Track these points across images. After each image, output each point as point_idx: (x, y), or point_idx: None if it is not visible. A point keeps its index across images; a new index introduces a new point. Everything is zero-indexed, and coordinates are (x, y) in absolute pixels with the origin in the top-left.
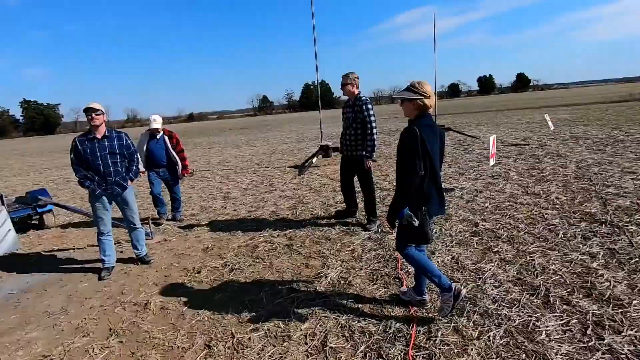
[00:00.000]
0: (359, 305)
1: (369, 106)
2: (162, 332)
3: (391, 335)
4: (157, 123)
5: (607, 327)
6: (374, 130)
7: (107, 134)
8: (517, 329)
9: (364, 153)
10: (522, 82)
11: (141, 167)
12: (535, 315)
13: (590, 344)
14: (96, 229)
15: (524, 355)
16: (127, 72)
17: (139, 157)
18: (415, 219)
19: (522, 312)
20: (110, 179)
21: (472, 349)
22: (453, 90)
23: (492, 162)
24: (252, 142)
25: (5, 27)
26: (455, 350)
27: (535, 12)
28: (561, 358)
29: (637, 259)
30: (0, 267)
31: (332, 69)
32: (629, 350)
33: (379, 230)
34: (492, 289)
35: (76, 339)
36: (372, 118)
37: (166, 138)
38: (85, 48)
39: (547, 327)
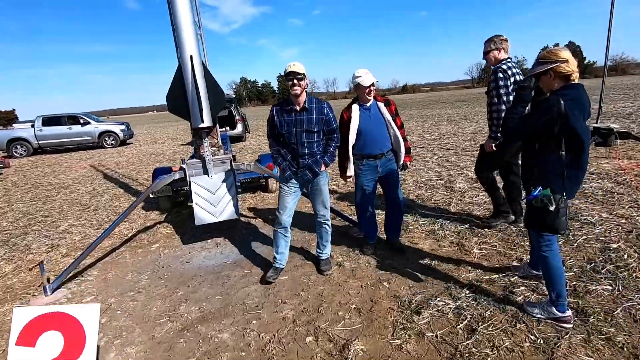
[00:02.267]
0: None
1: (493, 77)
2: None
3: None
4: (368, 77)
5: None
6: (494, 104)
7: (306, 105)
8: None
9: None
10: None
11: (349, 170)
12: None
13: None
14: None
15: None
16: (353, 46)
17: (338, 136)
18: (553, 202)
19: None
20: (303, 161)
21: None
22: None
23: None
24: (472, 117)
25: (275, 19)
26: None
27: None
28: None
29: None
30: (223, 230)
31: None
32: None
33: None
34: None
35: None
36: (494, 92)
37: (381, 106)
38: (324, 29)
39: None
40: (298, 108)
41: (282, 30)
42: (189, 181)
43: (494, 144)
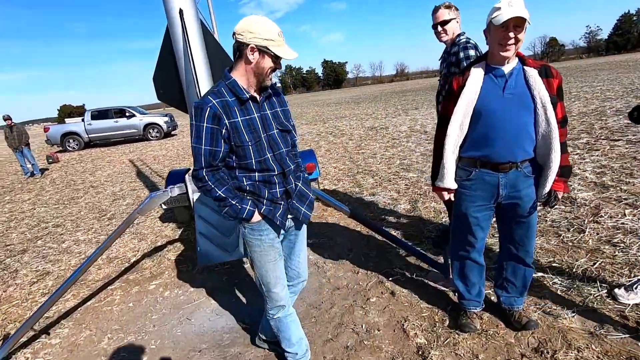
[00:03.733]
0: None
1: (471, 52)
2: None
3: None
4: (512, 9)
5: None
6: None
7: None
8: None
9: None
10: None
11: (446, 180)
12: None
13: None
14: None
15: None
16: (400, 26)
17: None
18: None
19: None
20: (292, 186)
21: None
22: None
23: None
24: None
25: (318, 3)
26: None
27: None
28: None
29: None
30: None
31: None
32: None
33: None
34: None
35: None
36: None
37: (532, 75)
38: (369, 10)
39: None
40: (258, 96)
41: (325, 15)
42: (192, 201)
43: None
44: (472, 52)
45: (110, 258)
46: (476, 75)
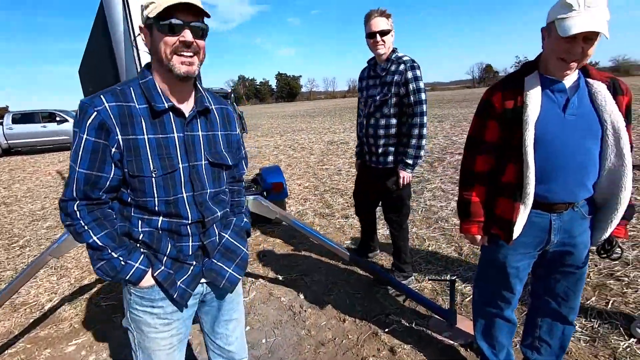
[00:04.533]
0: None
1: (418, 73)
2: None
3: None
4: (589, 14)
5: None
6: (425, 120)
7: (206, 102)
8: None
9: (404, 159)
10: None
11: (518, 228)
12: None
13: None
14: None
15: None
16: (353, 45)
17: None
18: None
19: None
20: (212, 240)
21: None
22: None
23: None
24: None
25: (273, 17)
26: None
27: None
28: None
29: None
30: None
31: None
32: None
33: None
34: None
35: None
36: (424, 96)
37: (600, 92)
38: (324, 28)
39: None
40: (187, 110)
41: (280, 29)
42: None
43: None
44: (419, 73)
45: (14, 305)
46: (535, 92)
